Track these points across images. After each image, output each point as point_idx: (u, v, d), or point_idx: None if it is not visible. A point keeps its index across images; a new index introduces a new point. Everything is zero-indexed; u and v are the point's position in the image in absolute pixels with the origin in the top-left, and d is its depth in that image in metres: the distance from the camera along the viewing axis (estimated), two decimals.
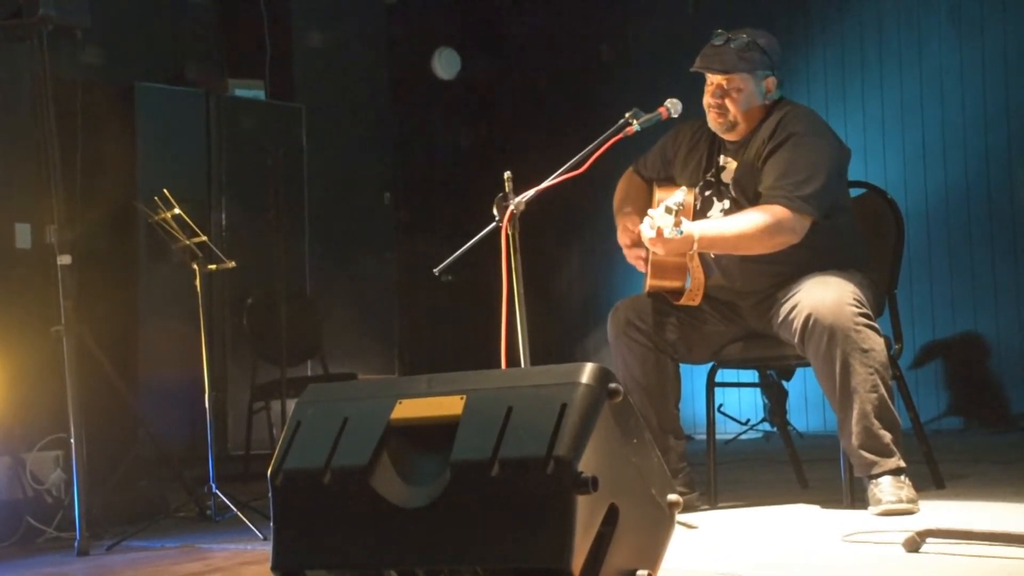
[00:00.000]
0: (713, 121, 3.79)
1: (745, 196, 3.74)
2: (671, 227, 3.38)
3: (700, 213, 3.81)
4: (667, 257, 3.69)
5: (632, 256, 3.86)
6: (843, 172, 3.83)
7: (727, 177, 3.80)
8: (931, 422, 6.21)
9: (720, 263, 3.81)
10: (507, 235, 3.26)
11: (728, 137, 3.81)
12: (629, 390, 3.50)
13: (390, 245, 7.63)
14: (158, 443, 4.78)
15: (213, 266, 4.42)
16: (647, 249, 3.72)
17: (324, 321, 6.78)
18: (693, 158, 3.90)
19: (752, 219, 3.58)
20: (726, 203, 3.79)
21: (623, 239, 3.87)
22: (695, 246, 3.54)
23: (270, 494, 2.40)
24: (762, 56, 3.73)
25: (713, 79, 3.76)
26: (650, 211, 3.55)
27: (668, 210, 3.38)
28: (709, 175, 3.85)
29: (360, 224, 7.43)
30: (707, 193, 3.84)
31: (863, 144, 6.76)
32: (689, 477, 3.84)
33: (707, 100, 3.77)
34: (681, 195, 3.41)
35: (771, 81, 3.76)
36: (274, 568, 2.38)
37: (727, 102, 3.74)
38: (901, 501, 3.39)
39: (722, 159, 3.84)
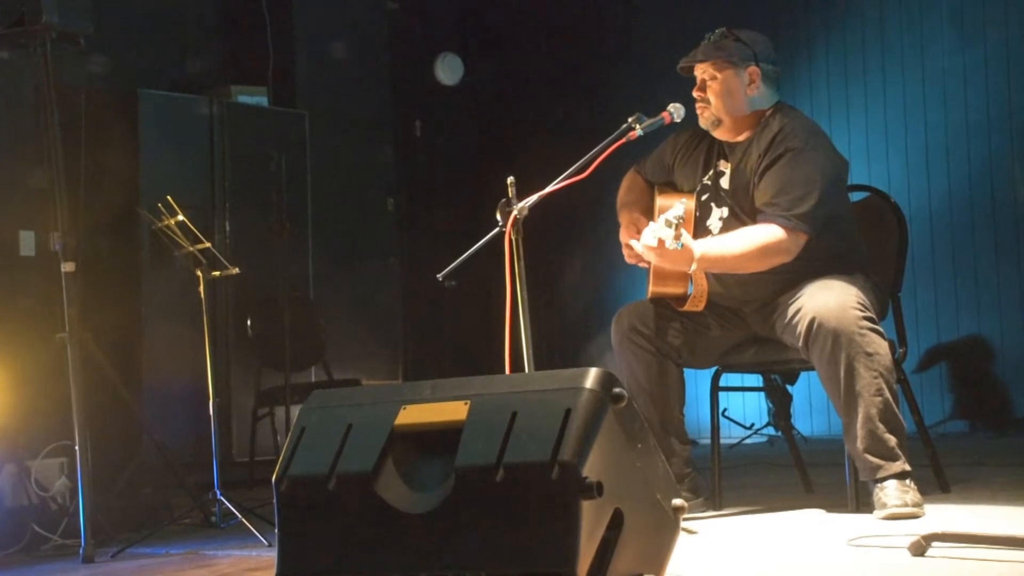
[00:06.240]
0: (700, 118, 3.80)
1: (741, 208, 3.74)
2: (671, 239, 3.38)
3: (699, 220, 3.81)
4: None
5: (631, 257, 3.84)
6: (841, 184, 3.82)
7: (725, 183, 3.80)
8: (936, 426, 6.20)
9: (716, 274, 3.80)
10: (510, 240, 3.25)
11: (717, 135, 3.80)
12: (633, 395, 3.48)
13: (393, 251, 7.63)
14: (162, 450, 4.77)
15: (217, 272, 4.42)
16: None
17: (328, 327, 6.77)
18: (691, 162, 3.90)
19: (750, 241, 3.58)
20: (724, 210, 3.78)
21: (625, 236, 3.83)
22: (695, 265, 3.54)
23: (275, 500, 2.40)
24: (740, 45, 3.73)
25: (695, 73, 3.78)
26: (652, 224, 3.54)
27: (668, 223, 3.37)
28: (707, 179, 3.84)
29: (363, 230, 7.42)
30: (704, 198, 3.83)
31: (866, 147, 6.76)
32: (695, 482, 3.83)
33: (694, 96, 3.79)
34: (681, 208, 3.41)
35: (753, 71, 3.75)
36: (279, 574, 2.38)
37: (708, 93, 3.75)
38: (906, 505, 3.39)
39: (721, 164, 3.83)
